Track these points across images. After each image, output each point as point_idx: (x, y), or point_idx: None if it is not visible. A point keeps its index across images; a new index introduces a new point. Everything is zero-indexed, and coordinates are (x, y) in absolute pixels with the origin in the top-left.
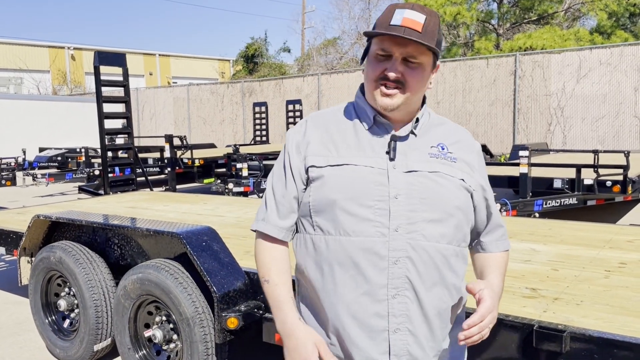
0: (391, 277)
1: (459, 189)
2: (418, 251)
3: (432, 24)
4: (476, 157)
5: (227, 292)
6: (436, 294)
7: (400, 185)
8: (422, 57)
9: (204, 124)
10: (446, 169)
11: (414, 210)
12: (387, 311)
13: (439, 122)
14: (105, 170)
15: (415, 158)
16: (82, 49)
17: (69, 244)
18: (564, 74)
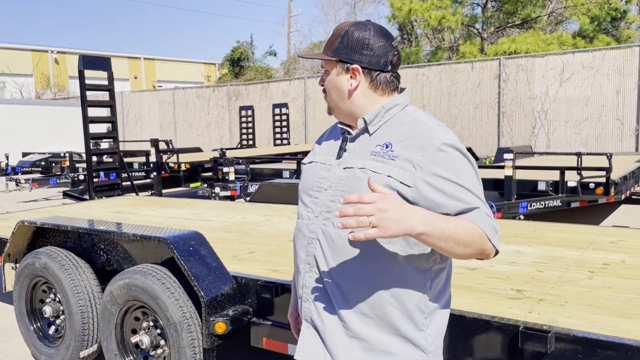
0: (307, 255)
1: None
2: (325, 235)
3: (332, 38)
4: (429, 154)
5: (215, 297)
6: (339, 277)
7: (333, 179)
8: (327, 65)
9: (189, 128)
10: (376, 166)
11: (333, 201)
12: (302, 282)
13: (408, 122)
14: (90, 175)
15: (357, 156)
16: (66, 53)
17: (55, 249)
18: (547, 78)
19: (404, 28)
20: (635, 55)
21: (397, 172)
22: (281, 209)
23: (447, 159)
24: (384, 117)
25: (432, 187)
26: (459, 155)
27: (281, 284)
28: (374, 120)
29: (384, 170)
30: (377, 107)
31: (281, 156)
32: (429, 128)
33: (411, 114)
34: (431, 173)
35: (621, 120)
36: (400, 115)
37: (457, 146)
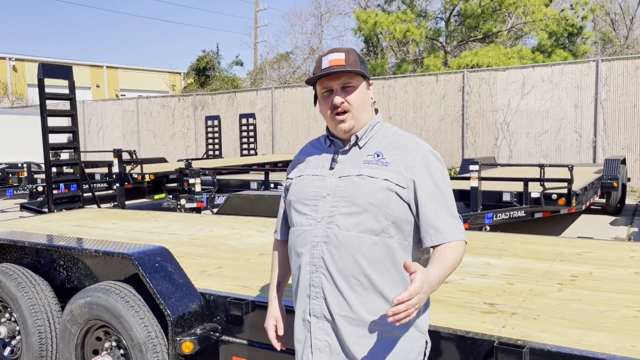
0: (312, 257)
1: (378, 188)
2: (331, 237)
3: (352, 56)
4: (415, 159)
5: (182, 315)
6: (348, 274)
7: (330, 187)
8: (354, 81)
9: (154, 138)
10: (372, 171)
11: (335, 206)
12: (309, 282)
13: (389, 135)
14: (49, 186)
15: (350, 166)
16: (25, 60)
17: (11, 266)
18: (509, 91)
19: (370, 40)
20: (592, 70)
21: (392, 176)
22: (249, 221)
23: (429, 164)
24: (370, 132)
25: (420, 188)
26: (437, 162)
27: (251, 300)
28: (363, 135)
29: (380, 175)
30: (365, 125)
31: (248, 167)
32: (411, 138)
33: (390, 129)
34: (419, 175)
35: (579, 132)
36: (381, 130)
37: (436, 154)
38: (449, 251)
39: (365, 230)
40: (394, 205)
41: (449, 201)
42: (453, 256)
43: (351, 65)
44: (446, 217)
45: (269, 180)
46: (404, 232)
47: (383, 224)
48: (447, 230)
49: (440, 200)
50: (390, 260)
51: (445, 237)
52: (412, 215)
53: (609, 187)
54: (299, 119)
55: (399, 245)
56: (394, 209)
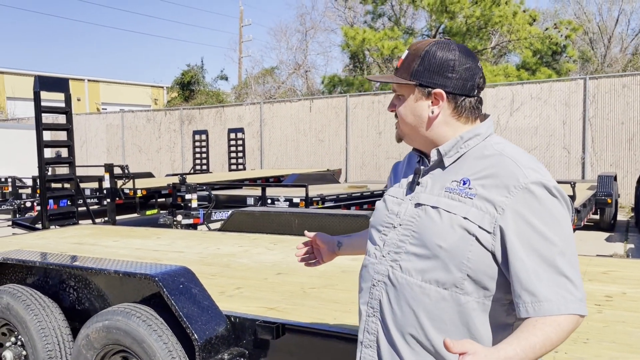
0: (371, 297)
1: (453, 227)
2: (392, 279)
3: (409, 58)
4: (513, 195)
5: (209, 340)
6: (405, 329)
7: (404, 216)
8: (402, 90)
9: (139, 152)
10: (451, 204)
11: (403, 241)
12: (364, 327)
13: (490, 155)
14: (43, 202)
15: (430, 191)
16: (4, 73)
17: (18, 287)
18: (498, 107)
19: (356, 56)
20: (580, 87)
21: (474, 214)
22: (256, 238)
23: (534, 202)
24: (461, 148)
25: (512, 233)
26: (549, 199)
27: (282, 323)
28: (450, 151)
29: (460, 211)
30: (455, 137)
31: (240, 182)
32: (515, 163)
33: (494, 146)
34: (514, 216)
35: (568, 149)
36: (480, 147)
37: (548, 185)
38: (542, 327)
39: (430, 280)
40: (471, 255)
41: (560, 255)
42: (547, 336)
43: (402, 70)
44: (551, 278)
45: (266, 196)
46: (487, 289)
47: (455, 276)
48: (550, 297)
49: (545, 253)
50: (462, 323)
51: (544, 308)
52: (499, 269)
53: (603, 203)
54: (288, 133)
55: (478, 305)
56: (470, 259)
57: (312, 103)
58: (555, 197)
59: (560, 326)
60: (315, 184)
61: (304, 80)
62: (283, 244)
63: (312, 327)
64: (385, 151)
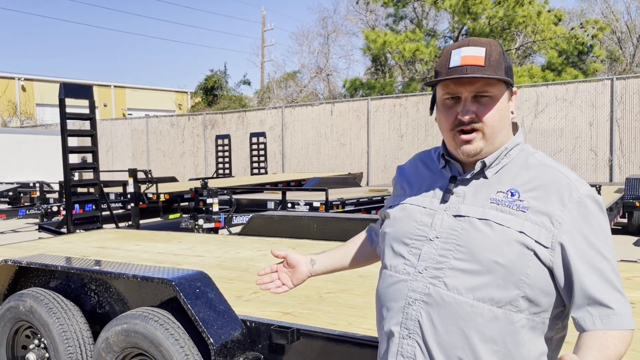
0: (405, 318)
1: (509, 242)
2: (435, 298)
3: (495, 53)
4: (568, 209)
5: (225, 344)
6: (451, 352)
7: (441, 228)
8: (493, 90)
9: (163, 157)
10: (502, 217)
11: (445, 256)
12: (397, 349)
13: (533, 165)
14: (68, 207)
15: (471, 202)
16: (33, 80)
17: (41, 291)
18: (522, 109)
19: (378, 59)
20: (607, 88)
21: (530, 228)
22: (275, 242)
23: (589, 216)
24: (504, 159)
25: (574, 249)
26: (600, 213)
27: (297, 328)
28: (494, 162)
29: (514, 225)
30: (498, 148)
31: (262, 186)
32: (564, 175)
33: (534, 156)
34: (572, 233)
35: (595, 151)
36: (521, 157)
37: (598, 200)
38: (612, 340)
39: (484, 299)
40: (530, 271)
41: (614, 270)
42: (617, 348)
43: (492, 67)
44: (611, 292)
45: (286, 200)
46: (539, 305)
47: (511, 294)
48: (618, 311)
49: (603, 267)
50: (512, 341)
51: (614, 323)
52: (554, 284)
53: (631, 206)
54: (309, 137)
55: (528, 322)
56: (529, 275)
57: (334, 106)
58: (602, 211)
59: (626, 340)
60: (336, 187)
61: (326, 83)
62: (301, 248)
63: (327, 332)
64: (407, 154)
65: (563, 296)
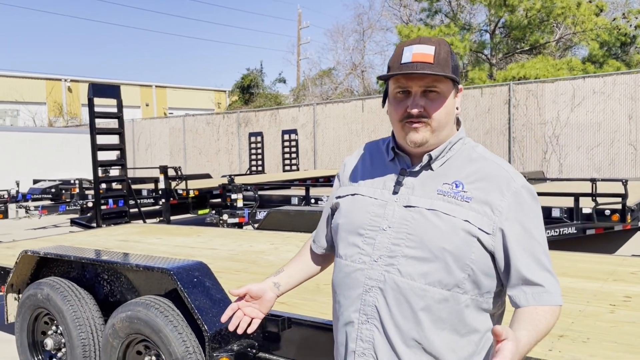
0: (363, 304)
1: (456, 230)
2: (390, 284)
3: (443, 52)
4: (507, 198)
5: (219, 331)
6: (407, 333)
7: (393, 218)
8: (441, 86)
9: (199, 154)
10: (449, 207)
11: (398, 245)
12: (356, 335)
13: (475, 159)
14: (97, 202)
15: (420, 193)
16: (79, 81)
17: (57, 280)
18: (558, 103)
19: None
20: None
21: (474, 217)
22: (289, 237)
23: (524, 204)
24: (449, 152)
25: (511, 235)
26: (533, 202)
27: (287, 317)
28: (439, 155)
29: (460, 214)
30: (443, 142)
31: (290, 182)
32: (503, 168)
33: (476, 150)
34: (510, 220)
35: (634, 145)
36: (464, 151)
37: (531, 190)
38: (543, 314)
39: (434, 283)
40: (474, 255)
41: (545, 252)
42: (547, 322)
43: (441, 64)
44: (542, 272)
45: (309, 196)
46: (481, 287)
47: (458, 277)
48: (548, 289)
49: (535, 250)
50: (458, 320)
51: (544, 299)
52: (494, 267)
53: None
54: (341, 134)
55: (472, 302)
56: (474, 260)
57: (365, 103)
58: (535, 200)
59: (555, 314)
60: None
61: (361, 80)
62: None
63: (316, 320)
64: None
65: (501, 277)
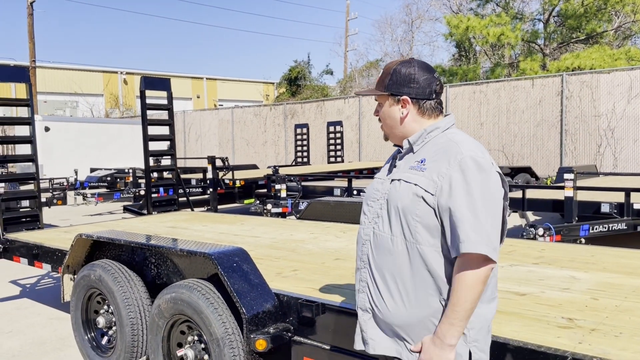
0: (362, 253)
1: (408, 192)
2: (374, 237)
3: (383, 75)
4: (453, 166)
5: (256, 314)
6: (385, 272)
7: (383, 190)
8: (380, 99)
9: (247, 145)
10: (410, 176)
11: (381, 208)
12: (359, 277)
13: (442, 142)
14: (148, 190)
15: (401, 170)
16: (134, 74)
17: (109, 262)
18: (614, 94)
19: (462, 45)
20: None
21: (423, 181)
22: (329, 227)
23: (466, 169)
24: (426, 138)
25: (448, 195)
26: (475, 168)
27: (322, 303)
28: (417, 141)
29: (413, 180)
30: (420, 130)
31: (333, 174)
32: (457, 144)
33: (447, 135)
34: (451, 181)
35: None
36: (439, 137)
37: (477, 158)
38: (457, 279)
39: (396, 234)
40: (419, 212)
41: (481, 212)
42: (461, 285)
43: (379, 84)
44: (470, 227)
45: (352, 187)
46: (436, 237)
47: (411, 229)
48: (464, 238)
49: (469, 209)
50: (424, 267)
51: (464, 247)
52: (440, 221)
53: None
54: None
55: (432, 251)
56: (419, 215)
57: None
58: (480, 169)
59: (473, 276)
60: None
61: None
62: (352, 232)
63: (349, 307)
64: (486, 142)
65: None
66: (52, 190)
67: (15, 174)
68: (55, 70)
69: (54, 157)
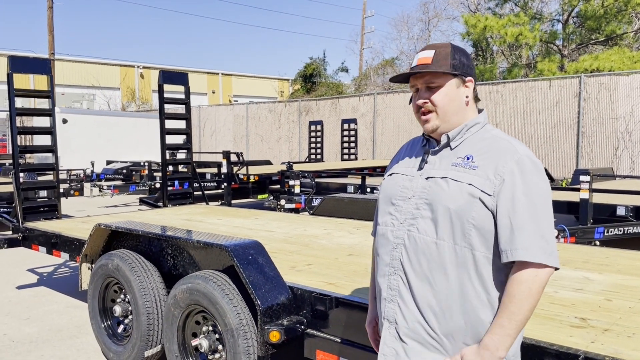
0: (392, 259)
1: (461, 192)
2: (410, 240)
3: (443, 53)
4: (510, 165)
5: (271, 306)
6: (423, 279)
7: (416, 188)
8: (439, 80)
9: (261, 141)
10: (458, 175)
11: (418, 209)
12: (387, 284)
13: (487, 138)
14: (164, 183)
15: (438, 167)
16: (151, 68)
17: (126, 252)
18: (632, 97)
19: (479, 45)
20: None
21: (478, 181)
22: (342, 223)
23: (525, 171)
24: (465, 134)
25: (506, 197)
26: (534, 170)
27: (335, 297)
28: (456, 136)
29: (465, 179)
30: (460, 125)
31: (347, 171)
32: (509, 142)
33: (490, 131)
34: (509, 182)
35: None
36: (479, 133)
37: (533, 158)
38: (517, 287)
39: (443, 237)
40: (475, 214)
41: (541, 218)
42: (522, 294)
43: (438, 63)
44: (530, 234)
45: (365, 184)
46: (489, 243)
47: (464, 233)
48: (525, 246)
49: (529, 214)
50: (475, 274)
51: (519, 255)
52: (494, 224)
53: None
54: (401, 124)
55: (484, 257)
56: (475, 218)
57: None
58: (538, 171)
59: (535, 278)
60: None
61: None
62: (365, 229)
63: (362, 302)
64: None
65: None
66: (70, 182)
67: (34, 164)
68: (73, 63)
69: (71, 148)
